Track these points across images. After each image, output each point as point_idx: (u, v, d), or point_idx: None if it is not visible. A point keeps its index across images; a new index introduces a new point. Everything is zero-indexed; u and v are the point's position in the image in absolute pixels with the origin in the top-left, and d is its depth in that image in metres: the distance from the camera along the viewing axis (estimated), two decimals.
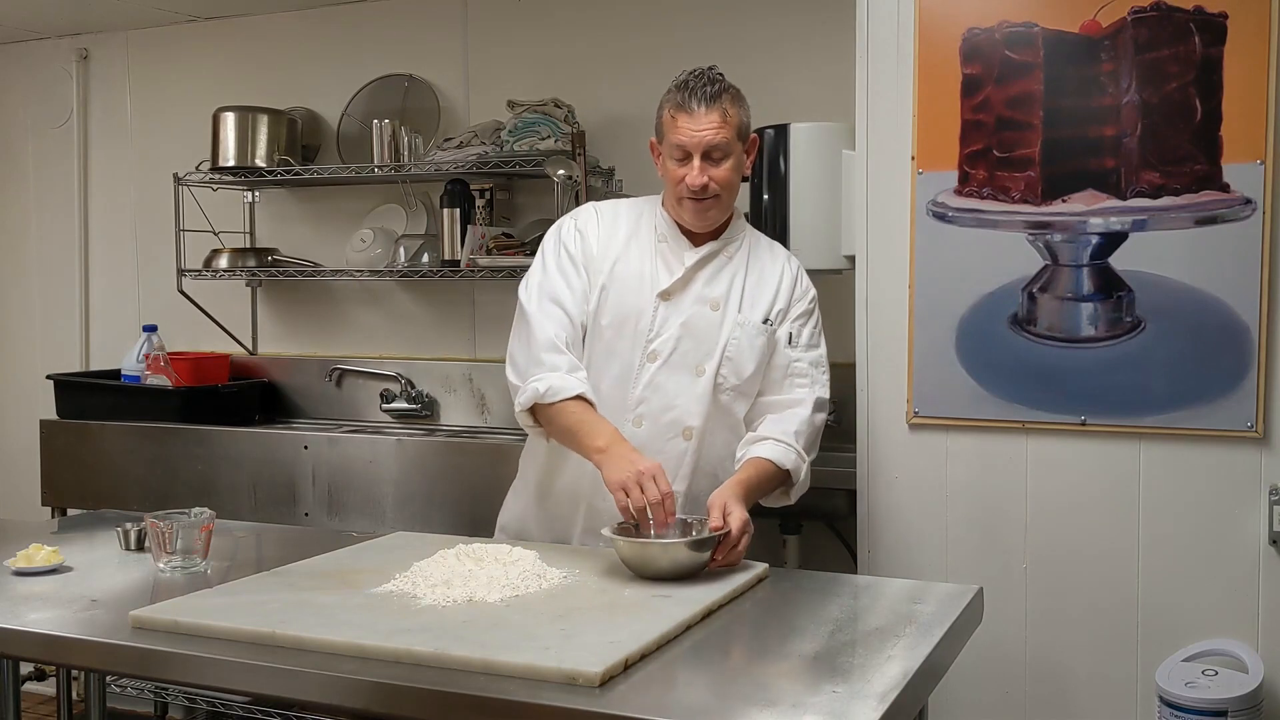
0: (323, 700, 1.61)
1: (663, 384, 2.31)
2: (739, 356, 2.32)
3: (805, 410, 2.36)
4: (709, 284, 2.34)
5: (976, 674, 2.53)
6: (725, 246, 2.37)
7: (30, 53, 4.78)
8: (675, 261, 2.34)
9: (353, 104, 4.15)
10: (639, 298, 2.33)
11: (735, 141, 2.28)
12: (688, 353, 2.31)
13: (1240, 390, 2.39)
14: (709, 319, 2.32)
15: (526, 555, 2.04)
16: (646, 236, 2.38)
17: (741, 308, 2.34)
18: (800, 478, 2.34)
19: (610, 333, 2.33)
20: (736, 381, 2.33)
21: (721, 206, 2.32)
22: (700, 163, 2.26)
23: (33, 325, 4.83)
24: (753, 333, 2.34)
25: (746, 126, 2.32)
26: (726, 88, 2.28)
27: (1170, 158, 2.41)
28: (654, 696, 1.50)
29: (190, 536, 2.15)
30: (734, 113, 2.27)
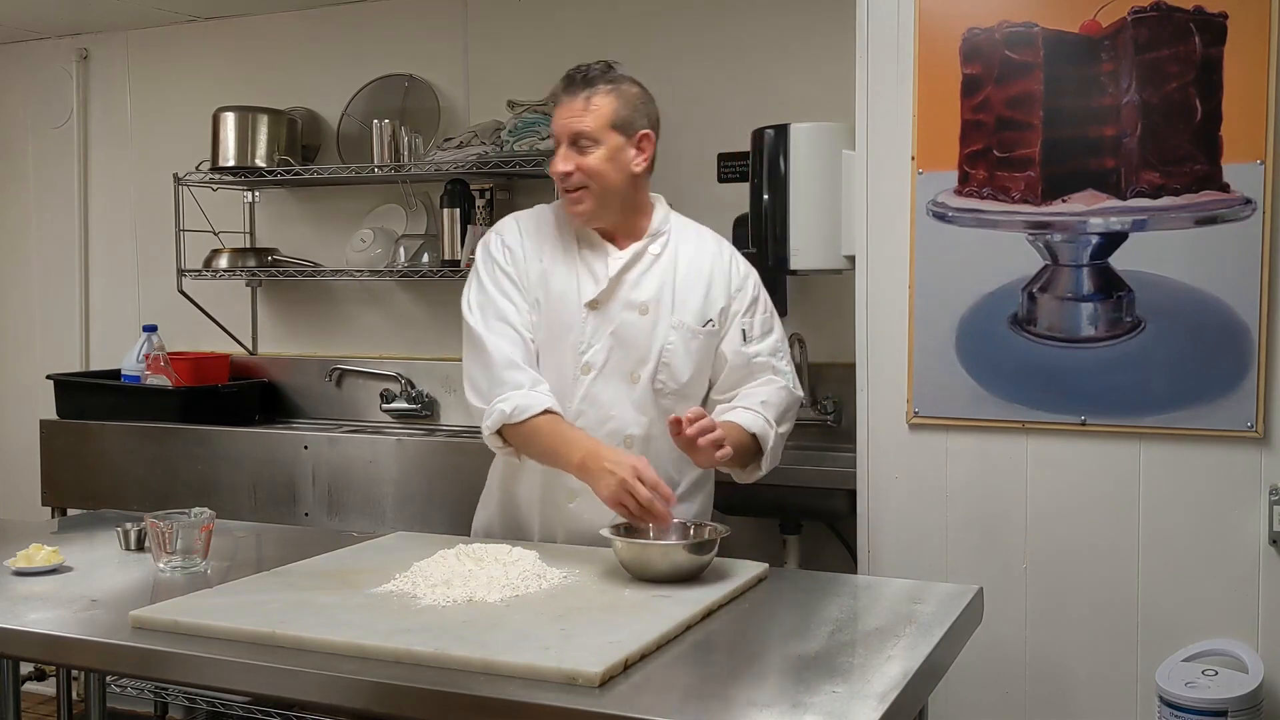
0: (323, 700, 1.61)
1: (598, 395, 2.30)
2: (675, 361, 2.31)
3: (776, 385, 2.35)
4: (635, 288, 2.31)
5: (976, 674, 2.53)
6: (649, 245, 2.34)
7: (30, 53, 4.78)
8: (599, 269, 2.32)
9: (353, 104, 4.15)
10: (568, 310, 2.31)
11: (607, 131, 2.25)
12: (621, 361, 2.30)
13: (1240, 390, 2.39)
14: (639, 325, 2.30)
15: (526, 555, 2.04)
16: (569, 245, 2.36)
17: (674, 309, 2.31)
18: (769, 445, 2.30)
19: (545, 348, 2.32)
20: (675, 386, 2.32)
21: (593, 198, 2.28)
22: (565, 149, 2.26)
23: (33, 325, 4.83)
24: (688, 335, 2.31)
25: (628, 120, 2.28)
26: (606, 78, 2.26)
27: (1170, 158, 2.41)
28: (654, 696, 1.50)
29: (190, 536, 2.15)
30: (603, 102, 2.25)
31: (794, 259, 3.09)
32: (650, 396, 2.31)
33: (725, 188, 3.70)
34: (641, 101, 2.32)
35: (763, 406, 2.31)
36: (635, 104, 2.30)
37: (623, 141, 2.28)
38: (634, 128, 2.29)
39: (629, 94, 2.30)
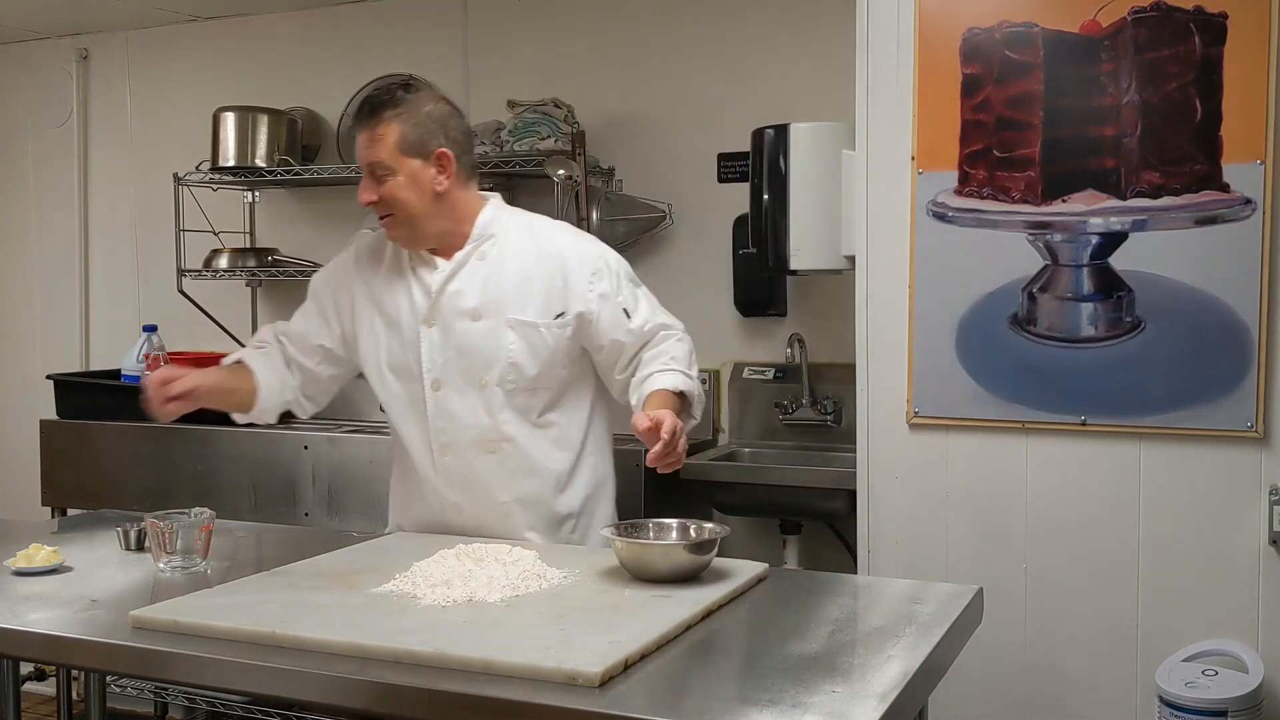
0: (323, 700, 1.61)
1: (451, 408, 2.32)
2: (520, 359, 2.30)
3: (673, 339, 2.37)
4: (463, 296, 2.31)
5: (976, 674, 2.53)
6: (475, 249, 2.33)
7: (30, 53, 4.78)
8: (428, 282, 2.34)
9: (353, 104, 4.15)
10: (404, 332, 2.35)
11: (398, 158, 2.25)
12: (467, 370, 2.31)
13: (1240, 390, 2.39)
14: (475, 331, 2.30)
15: (526, 555, 2.04)
16: (400, 266, 2.38)
17: (509, 308, 2.30)
18: (696, 395, 2.33)
19: (392, 375, 2.37)
20: (525, 383, 2.32)
21: (405, 224, 2.30)
22: (366, 180, 2.29)
23: (33, 325, 4.84)
24: (530, 331, 2.30)
25: (418, 143, 2.26)
26: (392, 103, 2.26)
27: (1170, 158, 2.41)
28: (654, 696, 1.50)
29: (190, 536, 2.14)
30: (389, 130, 2.24)
31: (794, 259, 3.09)
32: (502, 398, 2.31)
33: (725, 188, 3.70)
34: (435, 120, 2.29)
35: (674, 362, 2.32)
36: (426, 124, 2.27)
37: (419, 164, 2.27)
38: (428, 149, 2.27)
39: (419, 115, 2.27)
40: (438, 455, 2.34)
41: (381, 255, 2.42)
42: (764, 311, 3.67)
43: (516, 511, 2.34)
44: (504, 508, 2.34)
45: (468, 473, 2.32)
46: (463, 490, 2.34)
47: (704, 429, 3.71)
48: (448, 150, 2.28)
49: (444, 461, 2.34)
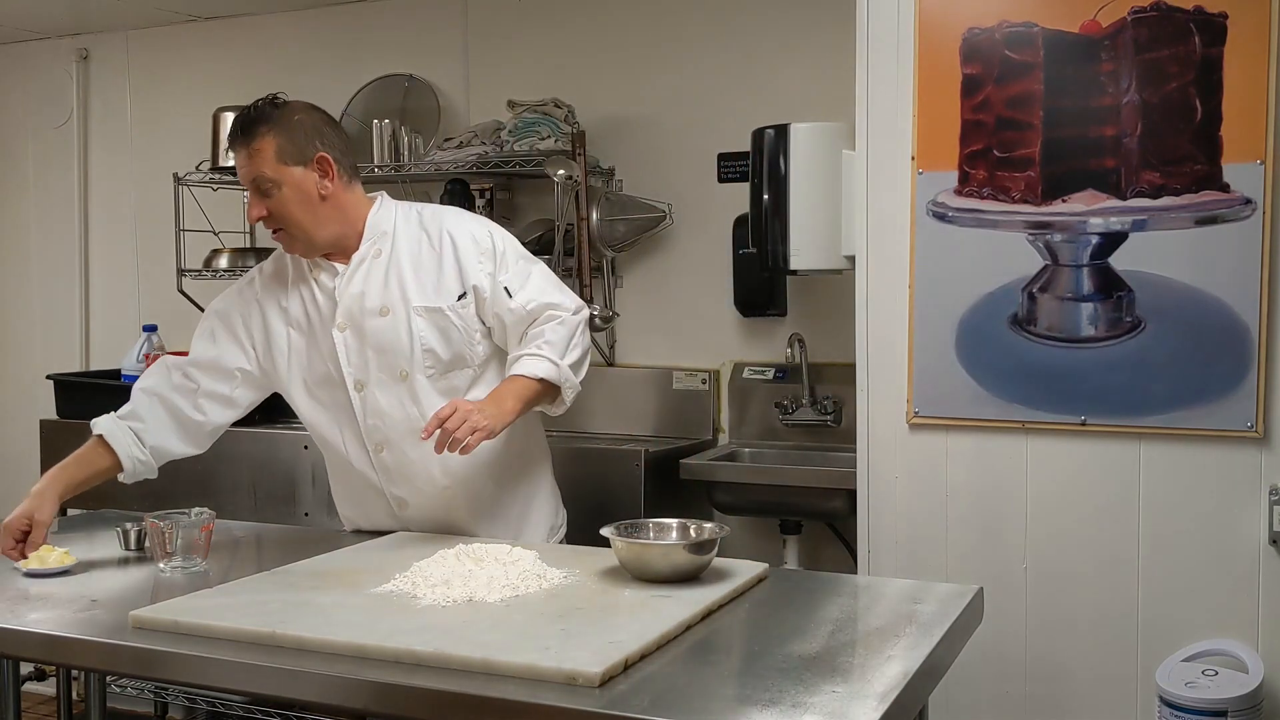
0: (323, 700, 1.61)
1: (379, 405, 2.34)
2: (433, 344, 2.33)
3: (554, 322, 2.36)
4: (366, 295, 2.34)
5: (976, 674, 2.53)
6: (371, 248, 2.36)
7: (30, 53, 4.78)
8: (330, 288, 2.36)
9: (353, 104, 4.15)
10: (319, 339, 2.37)
11: (280, 169, 2.27)
12: (388, 365, 2.34)
13: (1240, 390, 2.39)
14: (384, 327, 2.33)
15: (526, 555, 2.04)
16: (303, 277, 2.41)
17: (412, 297, 2.33)
18: (563, 381, 2.33)
19: (317, 387, 2.39)
20: (443, 367, 2.35)
21: (298, 234, 2.32)
22: (253, 197, 2.30)
23: (33, 325, 4.83)
24: (436, 316, 2.33)
25: (297, 151, 2.28)
26: (263, 118, 2.28)
27: (1170, 158, 2.41)
28: (654, 696, 1.50)
29: (190, 536, 2.15)
30: (264, 144, 2.26)
31: (794, 259, 3.09)
32: (427, 385, 2.34)
33: (725, 188, 3.70)
34: (308, 127, 2.31)
35: (545, 347, 2.32)
36: (301, 132, 2.30)
37: (301, 171, 2.29)
38: (307, 155, 2.29)
39: (291, 124, 2.30)
40: (374, 453, 2.37)
41: (284, 271, 2.44)
42: (764, 311, 3.67)
43: (459, 494, 2.38)
44: (447, 492, 2.38)
45: (406, 464, 2.36)
46: (405, 483, 2.38)
47: (704, 429, 3.72)
48: (326, 154, 2.31)
49: (381, 458, 2.37)
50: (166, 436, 2.39)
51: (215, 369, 2.42)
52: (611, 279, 3.79)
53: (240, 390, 2.44)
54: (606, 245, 3.70)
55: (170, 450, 2.40)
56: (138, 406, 2.40)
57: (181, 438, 2.41)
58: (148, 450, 2.36)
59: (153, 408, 2.39)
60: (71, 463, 2.33)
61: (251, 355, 2.43)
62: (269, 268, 2.49)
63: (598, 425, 3.80)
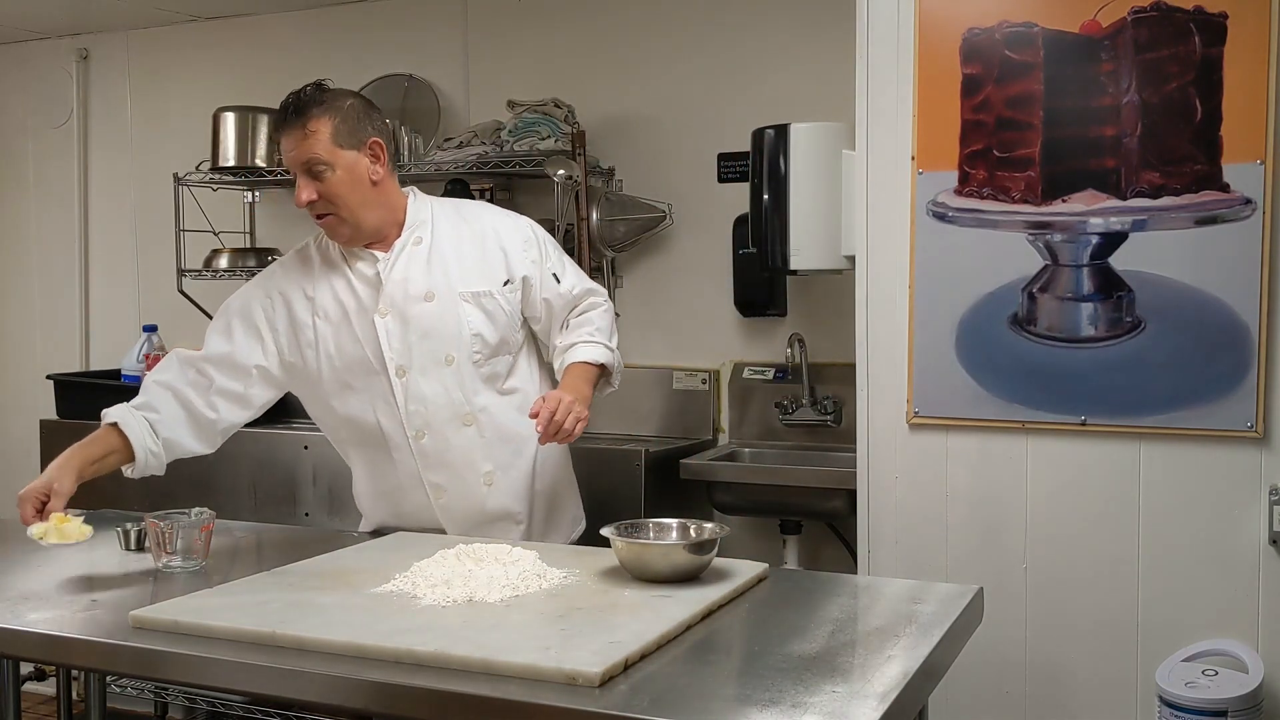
0: (323, 700, 1.61)
1: (421, 390, 2.34)
2: (482, 329, 2.36)
3: (599, 309, 2.47)
4: (412, 281, 2.35)
5: (976, 674, 2.53)
6: (412, 236, 2.37)
7: (30, 53, 4.78)
8: (371, 275, 2.36)
9: None
10: (358, 329, 2.35)
11: (334, 152, 2.27)
12: (431, 350, 2.34)
13: (1240, 390, 2.39)
14: (431, 311, 2.34)
15: (526, 555, 2.04)
16: (335, 267, 2.40)
17: (459, 282, 2.35)
18: (615, 366, 2.45)
19: (353, 375, 2.37)
20: (490, 351, 2.37)
21: (344, 223, 2.31)
22: (303, 180, 2.28)
23: (33, 325, 4.84)
24: (484, 300, 2.36)
25: (350, 133, 2.29)
26: (316, 100, 2.28)
27: (1170, 158, 2.41)
28: (654, 696, 1.50)
29: (190, 536, 2.14)
30: (318, 125, 2.26)
31: (794, 259, 3.09)
32: (471, 371, 2.35)
33: (725, 188, 3.71)
34: (361, 112, 2.33)
35: (598, 333, 2.42)
36: (355, 116, 2.32)
37: (354, 155, 2.30)
38: (360, 139, 2.31)
39: (345, 108, 2.31)
40: (414, 439, 2.37)
41: (309, 263, 2.43)
42: (764, 311, 3.67)
43: (499, 479, 2.39)
44: (488, 477, 2.39)
45: (447, 450, 2.36)
46: (444, 469, 2.38)
47: (704, 429, 3.72)
48: (379, 139, 2.33)
49: (421, 445, 2.37)
50: (180, 431, 2.36)
51: (230, 365, 2.39)
52: (611, 279, 3.79)
53: (255, 388, 2.41)
54: (606, 245, 3.70)
55: (182, 445, 2.37)
56: (151, 398, 2.36)
57: (194, 434, 2.38)
58: (160, 442, 2.33)
59: (166, 401, 2.36)
60: (88, 442, 2.30)
61: (272, 350, 2.40)
62: (291, 260, 2.47)
63: (598, 425, 3.80)
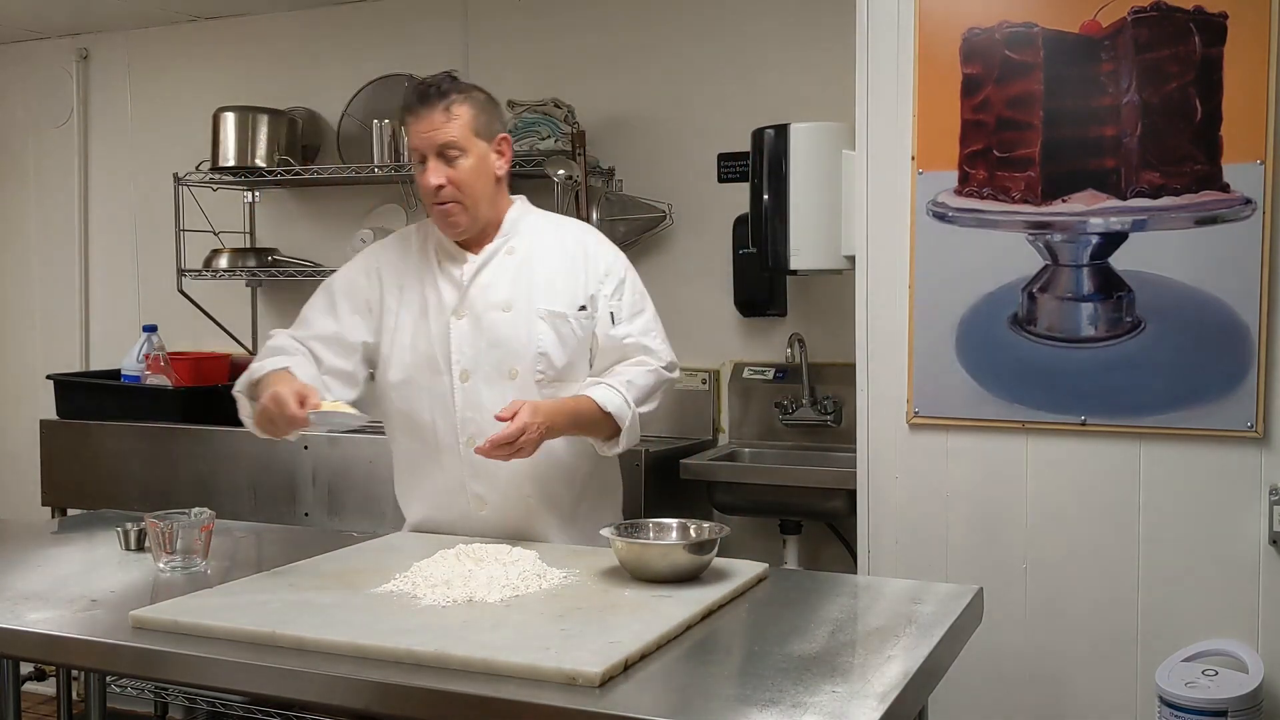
0: (323, 700, 1.61)
1: (480, 399, 2.31)
2: (550, 349, 2.32)
3: (646, 368, 2.36)
4: (494, 288, 2.33)
5: (976, 674, 2.53)
6: (504, 244, 2.36)
7: (30, 53, 4.78)
8: (457, 275, 2.34)
9: (353, 104, 4.15)
10: (432, 325, 2.34)
11: (471, 139, 2.26)
12: (498, 361, 2.31)
13: (1240, 390, 2.39)
14: (505, 323, 2.32)
15: (526, 555, 2.04)
16: (426, 260, 2.38)
17: (538, 299, 2.32)
18: (626, 424, 2.30)
19: (417, 369, 2.35)
20: (554, 374, 2.33)
21: (465, 213, 2.30)
22: (434, 163, 2.26)
23: (33, 325, 4.83)
24: (559, 322, 2.33)
25: (487, 125, 2.29)
26: (456, 88, 2.27)
27: (1170, 158, 2.41)
28: (654, 696, 1.50)
29: (190, 536, 2.14)
30: (461, 110, 2.25)
31: (794, 259, 3.09)
32: (533, 389, 2.32)
33: (725, 188, 3.70)
34: (493, 106, 2.34)
35: (626, 386, 2.31)
36: (490, 109, 2.32)
37: (486, 147, 2.29)
38: (493, 132, 2.31)
39: (481, 100, 2.31)
40: (465, 445, 2.32)
41: (408, 251, 2.41)
42: (764, 311, 3.67)
43: (538, 504, 2.34)
44: (528, 502, 2.34)
45: (495, 465, 2.28)
46: (488, 482, 2.33)
47: (704, 429, 3.72)
48: (508, 136, 2.34)
49: (472, 454, 2.30)
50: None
51: (339, 344, 2.36)
52: None
53: (360, 366, 2.38)
54: None
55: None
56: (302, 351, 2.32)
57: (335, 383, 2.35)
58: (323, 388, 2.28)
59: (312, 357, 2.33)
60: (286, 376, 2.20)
61: (374, 329, 2.38)
62: (392, 244, 2.45)
63: None
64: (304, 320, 2.40)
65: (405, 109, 2.30)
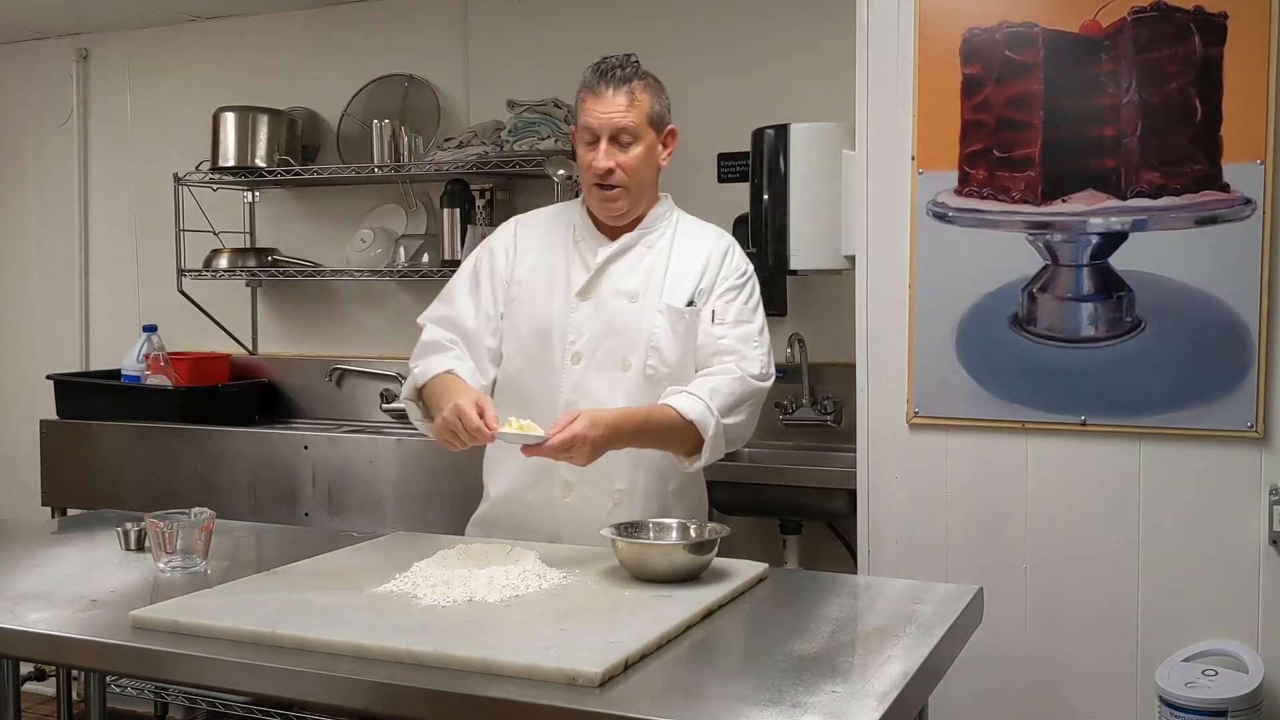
0: (323, 700, 1.61)
1: (589, 385, 2.30)
2: (664, 345, 2.30)
3: (730, 375, 2.28)
4: (625, 277, 2.32)
5: (976, 674, 2.53)
6: (644, 236, 2.35)
7: (30, 53, 4.78)
8: (590, 258, 2.33)
9: (353, 104, 4.15)
10: (554, 302, 2.32)
11: (645, 127, 2.26)
12: (612, 349, 2.30)
13: (1240, 390, 2.39)
14: (628, 312, 2.31)
15: (526, 555, 2.04)
16: (564, 238, 2.37)
17: (662, 295, 2.31)
18: (710, 434, 2.22)
19: (531, 343, 2.33)
20: (666, 370, 2.31)
21: (629, 198, 2.29)
22: (607, 145, 2.25)
23: (33, 325, 4.84)
24: (674, 317, 2.31)
25: (661, 115, 2.30)
26: (639, 74, 2.27)
27: (1170, 158, 2.41)
28: (654, 696, 1.50)
29: (190, 536, 2.14)
30: (644, 98, 2.25)
31: (794, 259, 3.09)
32: (642, 383, 2.30)
33: (725, 188, 3.70)
34: (665, 95, 2.34)
35: (710, 394, 2.24)
36: (664, 99, 2.33)
37: (655, 138, 2.30)
38: (665, 123, 2.32)
39: (657, 88, 2.32)
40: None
41: (550, 226, 2.41)
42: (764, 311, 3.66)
43: (626, 501, 2.32)
44: (617, 496, 2.32)
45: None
46: (580, 470, 2.24)
47: None
48: (675, 128, 2.34)
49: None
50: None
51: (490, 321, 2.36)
52: None
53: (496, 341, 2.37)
54: None
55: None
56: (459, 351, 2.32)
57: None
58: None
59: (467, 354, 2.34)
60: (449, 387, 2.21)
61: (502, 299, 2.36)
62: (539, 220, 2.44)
63: None
64: (448, 298, 2.41)
65: (585, 86, 2.27)
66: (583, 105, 2.28)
